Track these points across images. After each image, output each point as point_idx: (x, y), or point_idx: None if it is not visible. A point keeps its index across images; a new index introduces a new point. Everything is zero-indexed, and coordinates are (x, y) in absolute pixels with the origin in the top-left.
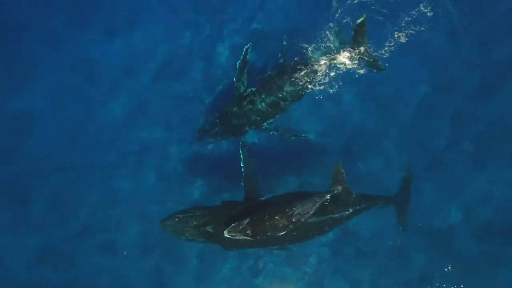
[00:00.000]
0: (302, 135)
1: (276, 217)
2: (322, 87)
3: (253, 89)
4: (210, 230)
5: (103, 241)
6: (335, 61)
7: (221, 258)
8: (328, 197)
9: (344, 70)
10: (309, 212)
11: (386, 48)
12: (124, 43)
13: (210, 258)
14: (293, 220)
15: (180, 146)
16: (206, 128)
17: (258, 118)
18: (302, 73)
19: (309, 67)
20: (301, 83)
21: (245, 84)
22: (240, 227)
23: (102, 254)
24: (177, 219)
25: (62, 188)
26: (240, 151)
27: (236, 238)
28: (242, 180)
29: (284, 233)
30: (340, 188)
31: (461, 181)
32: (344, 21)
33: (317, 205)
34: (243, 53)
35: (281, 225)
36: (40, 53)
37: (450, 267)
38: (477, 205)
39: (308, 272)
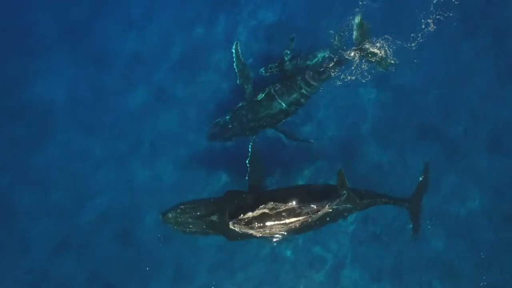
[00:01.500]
0: (305, 140)
1: (283, 214)
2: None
3: (271, 89)
4: (215, 219)
5: (121, 229)
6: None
7: (240, 246)
8: (338, 201)
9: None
10: (317, 213)
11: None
12: (140, 35)
13: (229, 246)
14: (300, 219)
15: (197, 135)
16: (218, 132)
17: (277, 118)
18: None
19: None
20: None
21: (251, 84)
22: (246, 221)
23: (119, 242)
24: (179, 210)
25: (80, 176)
26: (249, 148)
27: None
28: (247, 175)
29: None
30: (344, 194)
31: (480, 168)
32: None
33: (326, 208)
34: (234, 54)
35: (287, 221)
36: (58, 45)
37: (469, 253)
38: (496, 192)
39: (328, 258)
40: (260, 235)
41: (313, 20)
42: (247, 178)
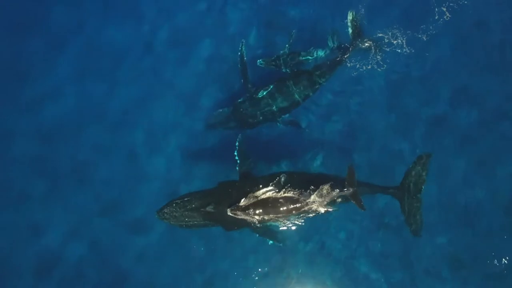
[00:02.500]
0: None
1: (280, 200)
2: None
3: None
4: (211, 209)
5: (130, 218)
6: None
7: (247, 233)
8: (338, 194)
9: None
10: (314, 203)
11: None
12: (149, 25)
13: (238, 236)
14: (297, 206)
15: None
16: (218, 121)
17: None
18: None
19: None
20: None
21: (251, 82)
22: (243, 207)
23: (129, 231)
24: (174, 205)
25: (90, 166)
26: (236, 143)
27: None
28: (237, 165)
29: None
30: (351, 190)
31: (486, 157)
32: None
33: (324, 199)
34: (239, 54)
35: (283, 208)
36: (66, 36)
37: (476, 243)
38: (503, 182)
39: (337, 248)
40: (257, 222)
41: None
42: (237, 168)
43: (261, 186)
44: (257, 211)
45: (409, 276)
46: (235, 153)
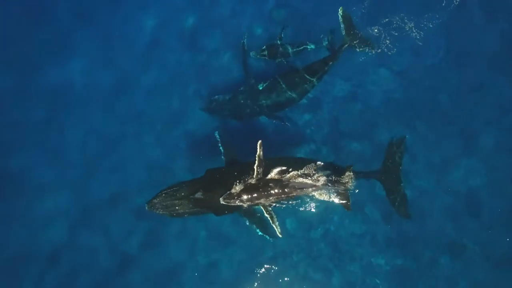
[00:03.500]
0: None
1: (270, 185)
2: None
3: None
4: (200, 196)
5: (136, 206)
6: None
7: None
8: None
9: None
10: (304, 189)
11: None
12: (156, 17)
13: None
14: (286, 191)
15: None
16: (215, 106)
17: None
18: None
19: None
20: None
21: (253, 75)
22: (235, 194)
23: (135, 218)
24: (164, 195)
25: (97, 154)
26: (217, 136)
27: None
28: (222, 155)
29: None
30: (344, 188)
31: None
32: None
33: (314, 188)
34: (242, 50)
35: (274, 192)
36: (76, 29)
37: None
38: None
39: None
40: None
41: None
42: (223, 158)
43: (248, 170)
44: (249, 197)
45: (412, 261)
46: (219, 145)
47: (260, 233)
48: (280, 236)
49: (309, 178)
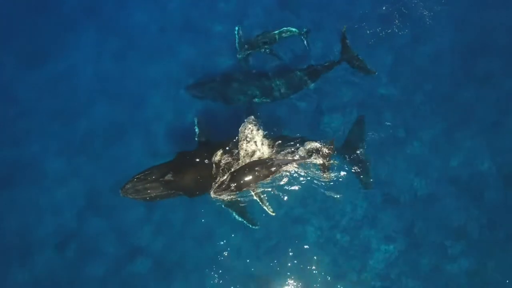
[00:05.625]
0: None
1: (256, 168)
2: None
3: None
4: (169, 178)
5: None
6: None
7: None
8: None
9: None
10: (287, 164)
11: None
12: (160, 7)
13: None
14: (272, 170)
15: (216, 104)
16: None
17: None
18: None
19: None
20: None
21: (248, 62)
22: (224, 186)
23: (144, 206)
24: (135, 179)
25: (105, 143)
26: (196, 120)
27: (221, 196)
28: (196, 136)
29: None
30: (325, 163)
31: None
32: None
33: (296, 161)
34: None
35: (261, 175)
36: (82, 19)
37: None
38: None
39: (342, 220)
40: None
41: None
42: (196, 139)
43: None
44: (237, 184)
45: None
46: (195, 126)
47: (238, 218)
48: (273, 214)
49: (292, 154)
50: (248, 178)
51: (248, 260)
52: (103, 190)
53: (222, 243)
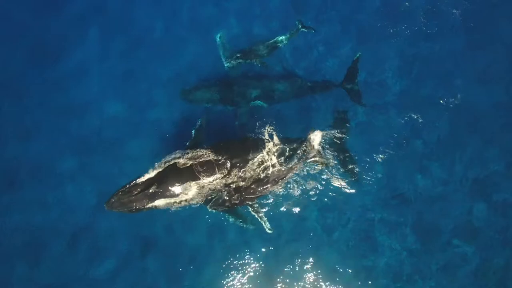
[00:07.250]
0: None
1: (252, 186)
2: None
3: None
4: (155, 189)
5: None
6: None
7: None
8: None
9: None
10: (284, 177)
11: None
12: (168, 8)
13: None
14: (269, 186)
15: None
16: (203, 92)
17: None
18: None
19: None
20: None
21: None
22: (220, 201)
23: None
24: (120, 193)
25: (116, 142)
26: (199, 122)
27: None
28: (188, 141)
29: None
30: (317, 158)
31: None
32: None
33: (292, 171)
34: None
35: (257, 192)
36: (91, 17)
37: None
38: None
39: (352, 219)
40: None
41: None
42: (187, 144)
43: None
44: (235, 204)
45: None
46: (193, 130)
47: (232, 219)
48: (270, 232)
49: (284, 162)
50: (243, 195)
51: (258, 255)
52: (112, 187)
53: (232, 238)
